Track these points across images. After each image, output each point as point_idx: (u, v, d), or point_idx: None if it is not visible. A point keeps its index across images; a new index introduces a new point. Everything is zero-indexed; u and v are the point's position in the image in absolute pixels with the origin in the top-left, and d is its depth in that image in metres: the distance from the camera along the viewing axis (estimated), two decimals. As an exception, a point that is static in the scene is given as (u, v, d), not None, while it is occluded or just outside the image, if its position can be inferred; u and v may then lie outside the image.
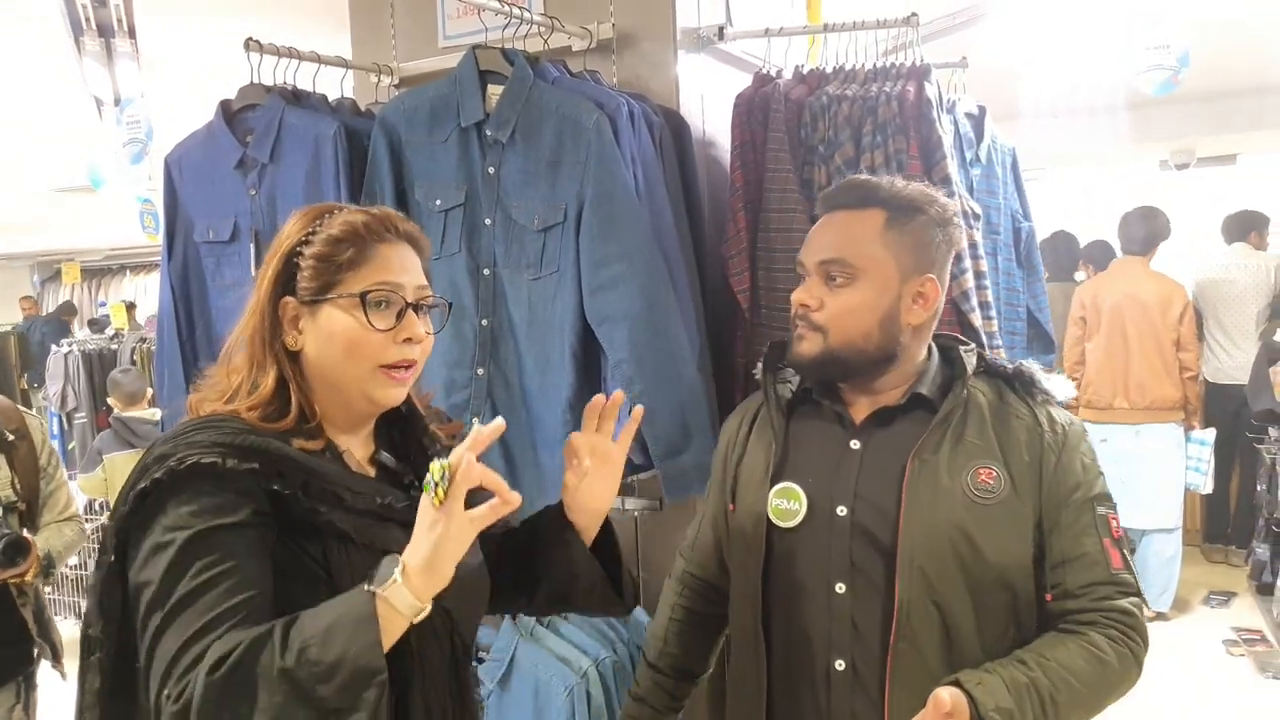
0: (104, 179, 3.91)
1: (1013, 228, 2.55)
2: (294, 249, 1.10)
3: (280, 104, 1.93)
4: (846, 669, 1.25)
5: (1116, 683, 1.20)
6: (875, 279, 1.25)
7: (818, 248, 1.28)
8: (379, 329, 1.07)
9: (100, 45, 2.82)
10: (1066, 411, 1.33)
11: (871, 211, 1.27)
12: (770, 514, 1.29)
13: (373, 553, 1.04)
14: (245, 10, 3.09)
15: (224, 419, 1.05)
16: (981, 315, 1.90)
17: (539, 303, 1.78)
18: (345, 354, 1.07)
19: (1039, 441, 1.26)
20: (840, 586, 1.25)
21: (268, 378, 1.08)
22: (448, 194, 1.83)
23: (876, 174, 1.85)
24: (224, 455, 0.99)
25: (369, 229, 1.09)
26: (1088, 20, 3.48)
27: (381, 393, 1.09)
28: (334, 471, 1.07)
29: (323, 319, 1.08)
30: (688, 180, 1.94)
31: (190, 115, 2.12)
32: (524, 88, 1.78)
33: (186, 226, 2.05)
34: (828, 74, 1.99)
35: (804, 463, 1.30)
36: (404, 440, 1.20)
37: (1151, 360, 4.22)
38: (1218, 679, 3.82)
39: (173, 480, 0.98)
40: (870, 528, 1.24)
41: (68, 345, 6.83)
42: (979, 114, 2.38)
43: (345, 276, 1.07)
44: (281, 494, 1.01)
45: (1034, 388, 1.30)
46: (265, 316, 1.09)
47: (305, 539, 1.03)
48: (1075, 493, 1.25)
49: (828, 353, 1.25)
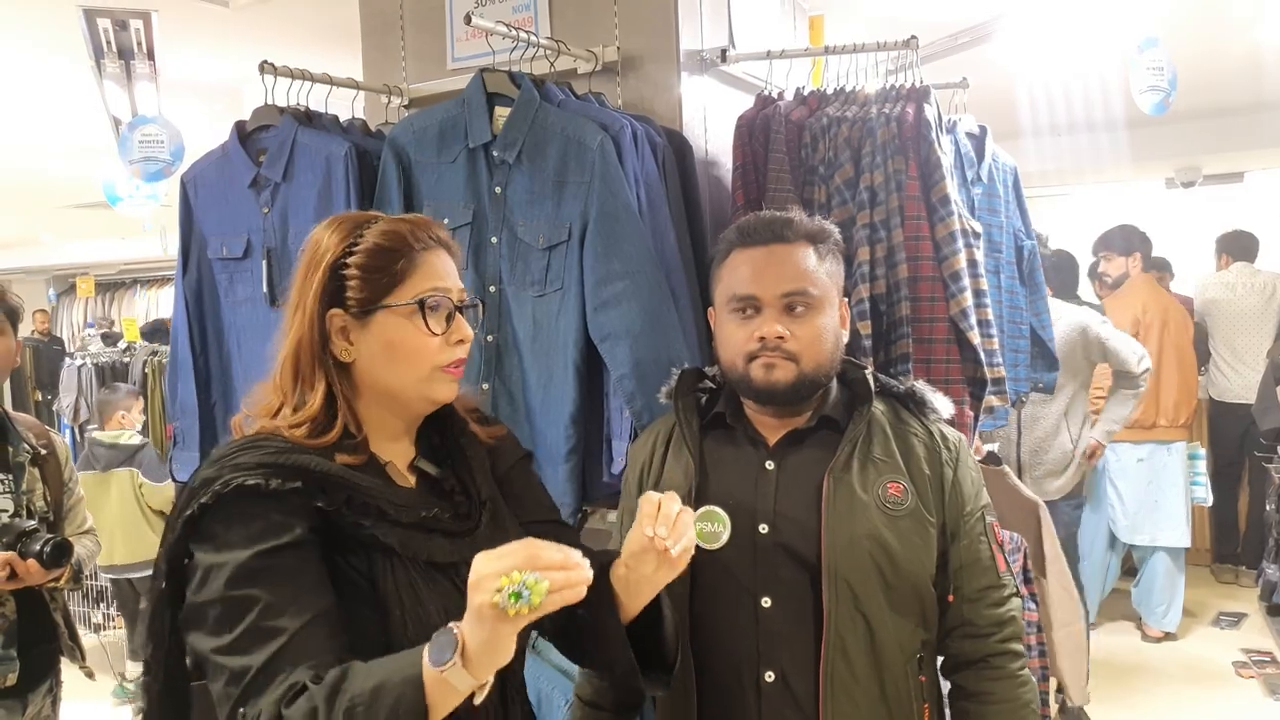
0: (119, 196, 3.97)
1: (1015, 246, 2.57)
2: (338, 260, 1.09)
3: (293, 125, 1.98)
4: (776, 679, 1.30)
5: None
6: (826, 305, 1.34)
7: (775, 281, 1.32)
8: (436, 333, 1.10)
9: (120, 67, 2.89)
10: (952, 428, 1.42)
11: (801, 244, 1.35)
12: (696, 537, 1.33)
13: (417, 565, 1.06)
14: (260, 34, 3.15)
15: (267, 438, 1.05)
16: (981, 333, 1.92)
17: (543, 319, 1.81)
18: (405, 360, 1.10)
19: (937, 458, 1.36)
20: (766, 601, 1.31)
21: (316, 392, 1.08)
22: (455, 213, 1.87)
23: (877, 195, 1.89)
24: (268, 476, 0.99)
25: (415, 237, 1.11)
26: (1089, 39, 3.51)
27: (443, 391, 1.13)
28: (377, 485, 1.07)
29: (376, 328, 1.09)
30: (690, 199, 1.98)
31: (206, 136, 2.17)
32: (530, 109, 1.82)
33: (201, 244, 2.10)
34: (828, 95, 2.03)
35: (722, 486, 1.35)
36: (443, 443, 1.21)
37: (1181, 378, 4.23)
38: (1227, 701, 3.79)
39: (220, 504, 0.98)
40: (791, 543, 1.31)
41: (80, 358, 6.90)
42: (980, 134, 2.41)
43: (398, 285, 1.10)
44: (326, 510, 1.01)
45: (925, 407, 1.39)
46: (313, 329, 1.09)
47: (350, 553, 1.03)
48: (970, 504, 1.36)
49: (802, 378, 1.32)
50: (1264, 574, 4.51)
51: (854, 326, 1.85)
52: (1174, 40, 3.42)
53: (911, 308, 1.87)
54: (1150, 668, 4.10)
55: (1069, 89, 4.36)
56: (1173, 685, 3.91)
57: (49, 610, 2.15)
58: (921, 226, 1.87)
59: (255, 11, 2.93)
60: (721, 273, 1.38)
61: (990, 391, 1.92)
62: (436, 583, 1.07)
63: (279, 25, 3.11)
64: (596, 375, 1.79)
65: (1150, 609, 4.32)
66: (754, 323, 1.32)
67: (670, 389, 1.45)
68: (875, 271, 1.87)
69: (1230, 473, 5.06)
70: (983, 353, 1.90)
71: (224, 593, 0.95)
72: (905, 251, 1.87)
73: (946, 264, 1.88)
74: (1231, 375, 4.86)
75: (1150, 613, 4.33)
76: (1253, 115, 5.35)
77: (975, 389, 1.92)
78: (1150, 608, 4.32)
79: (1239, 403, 4.76)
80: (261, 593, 0.95)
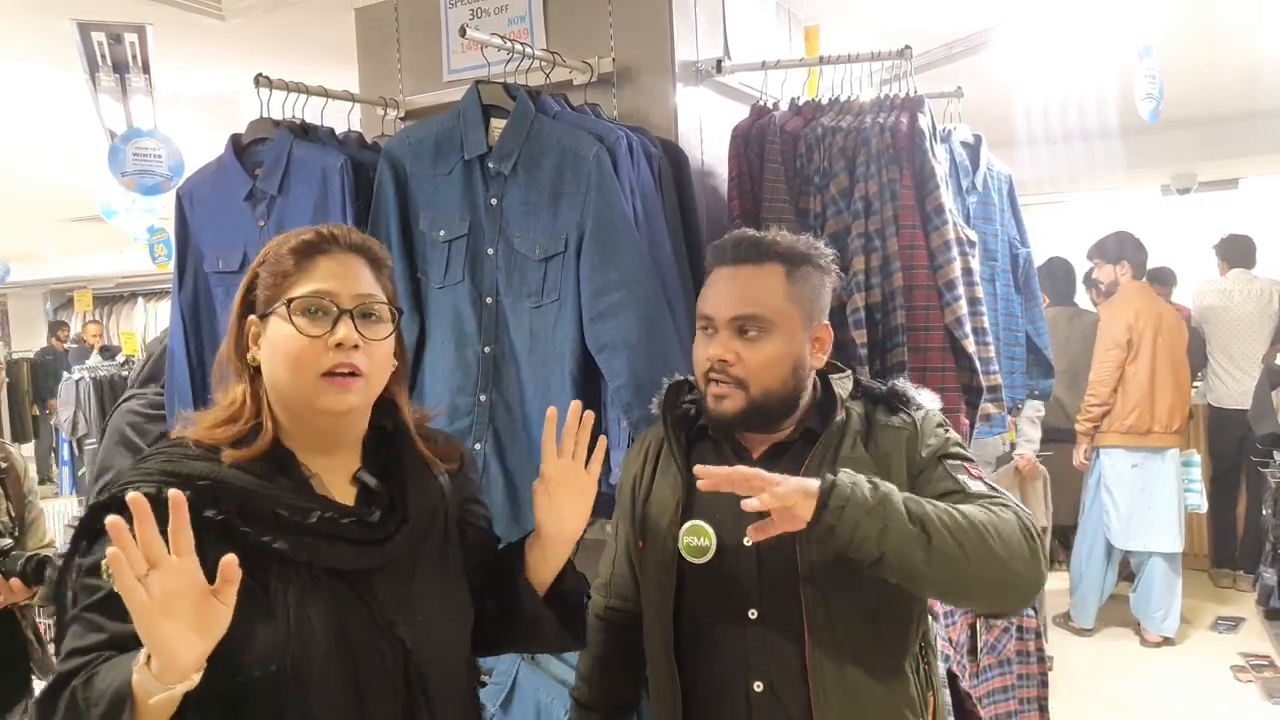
0: (114, 210, 3.97)
1: (1010, 254, 2.58)
2: (255, 269, 1.15)
3: (289, 138, 1.98)
4: (765, 690, 1.30)
5: (1010, 533, 1.19)
6: (785, 330, 1.31)
7: (727, 303, 1.31)
8: (311, 335, 1.08)
9: (115, 81, 2.90)
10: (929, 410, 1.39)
11: (771, 266, 1.32)
12: (682, 551, 1.34)
13: (313, 571, 1.06)
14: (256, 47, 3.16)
15: (175, 444, 1.10)
16: (976, 341, 1.93)
17: (540, 330, 1.81)
18: (285, 362, 1.09)
19: (913, 440, 1.33)
20: (753, 613, 1.31)
21: (233, 393, 1.13)
22: (451, 225, 1.87)
23: (871, 204, 1.89)
24: (161, 485, 1.00)
25: (308, 243, 1.13)
26: (1084, 48, 3.52)
27: (325, 400, 1.09)
28: (272, 491, 1.07)
29: (270, 330, 1.11)
30: (686, 210, 1.98)
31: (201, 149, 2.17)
32: (526, 121, 1.82)
33: (197, 257, 2.10)
34: (823, 105, 2.03)
35: (708, 499, 1.33)
36: (389, 460, 1.20)
37: (1176, 385, 4.24)
38: (1225, 705, 3.79)
39: (114, 506, 0.99)
40: (774, 554, 1.29)
41: (79, 372, 6.89)
42: (975, 143, 2.42)
43: (285, 288, 1.11)
44: (215, 520, 1.02)
45: (907, 400, 1.38)
46: (234, 334, 1.15)
47: (248, 560, 0.99)
48: (928, 452, 1.32)
49: (751, 405, 1.31)
50: (1261, 578, 4.52)
51: (850, 335, 1.86)
52: (1169, 48, 3.44)
53: (907, 316, 1.88)
54: (1149, 673, 4.09)
55: (1064, 97, 4.37)
56: (1171, 690, 3.90)
57: (20, 627, 2.14)
58: (916, 235, 1.87)
59: (251, 25, 2.93)
60: (702, 289, 1.39)
61: (986, 399, 1.93)
62: (334, 589, 1.07)
63: (274, 38, 3.11)
64: (594, 386, 1.79)
65: (1148, 614, 4.32)
66: (709, 343, 1.32)
67: (659, 400, 1.45)
68: (870, 280, 1.88)
69: (1228, 478, 5.07)
70: (978, 360, 1.91)
71: (85, 579, 1.01)
72: (900, 260, 1.88)
73: (941, 272, 1.89)
74: (1229, 381, 4.88)
75: (1148, 618, 4.33)
76: (1248, 122, 5.37)
77: (971, 397, 1.92)
78: (1148, 613, 4.32)
79: (1237, 409, 4.77)
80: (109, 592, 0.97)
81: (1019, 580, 1.19)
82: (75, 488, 6.88)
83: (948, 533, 1.15)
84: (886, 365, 1.89)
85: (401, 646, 1.10)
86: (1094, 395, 4.27)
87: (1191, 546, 4.87)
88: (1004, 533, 1.18)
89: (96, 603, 1.00)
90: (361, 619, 1.08)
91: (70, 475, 7.23)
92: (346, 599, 1.08)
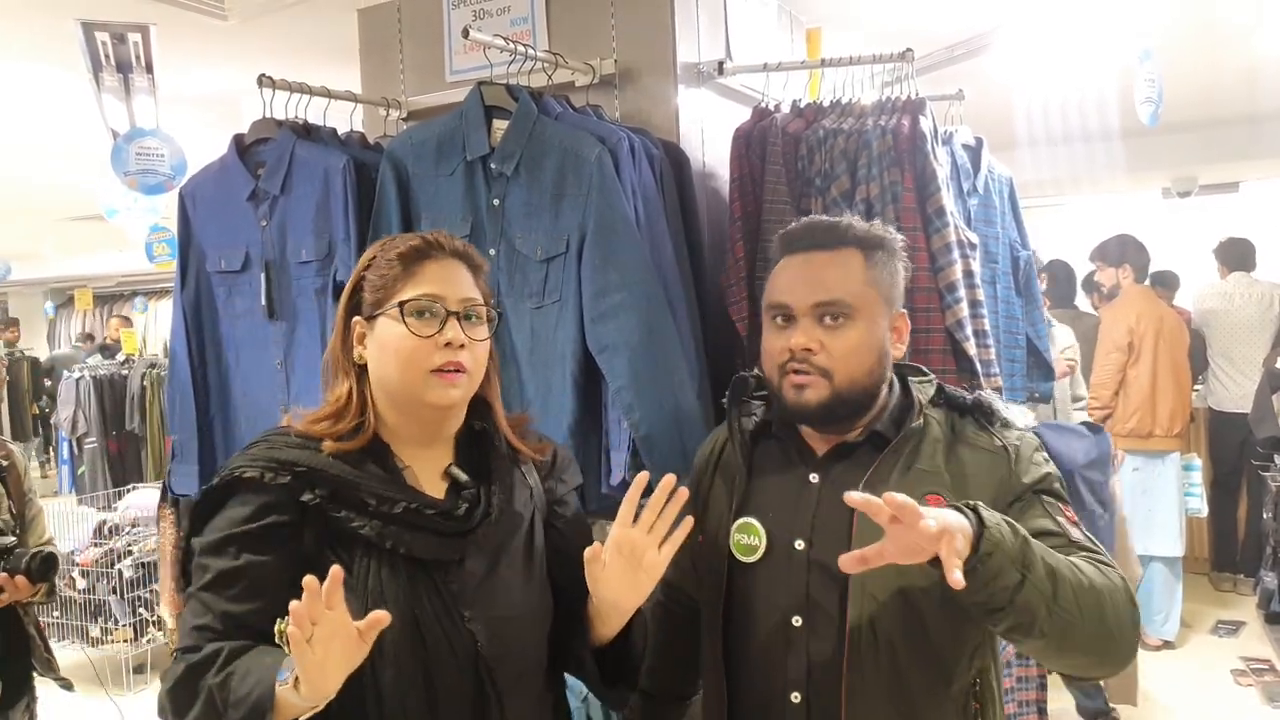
0: (117, 209, 3.97)
1: (1011, 256, 2.58)
2: (361, 273, 1.22)
3: (291, 138, 1.98)
4: (801, 702, 1.25)
5: (1121, 603, 1.11)
6: (867, 316, 1.25)
7: (807, 289, 1.26)
8: (422, 335, 1.15)
9: (118, 80, 2.90)
10: (1024, 431, 1.30)
11: (848, 251, 1.27)
12: (732, 548, 1.31)
13: (396, 557, 1.11)
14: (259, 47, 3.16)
15: (278, 432, 1.19)
16: (977, 343, 1.93)
17: (541, 331, 1.82)
18: (395, 361, 1.16)
19: (1004, 464, 1.24)
20: (797, 620, 1.26)
21: (338, 390, 1.20)
22: (453, 225, 1.87)
23: (873, 206, 1.89)
24: (263, 470, 1.12)
25: (416, 249, 1.19)
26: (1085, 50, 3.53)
27: (433, 394, 1.16)
28: (365, 480, 1.14)
29: (379, 331, 1.18)
30: (688, 211, 1.98)
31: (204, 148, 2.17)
32: (528, 122, 1.83)
33: (199, 257, 2.10)
34: (824, 108, 2.04)
35: (764, 498, 1.31)
36: (480, 457, 1.25)
37: (1177, 388, 4.24)
38: (1225, 709, 3.79)
39: (224, 486, 1.14)
40: (827, 561, 1.22)
41: (79, 371, 6.89)
42: (976, 145, 2.42)
43: (395, 291, 1.17)
44: (311, 504, 1.11)
45: (994, 416, 1.29)
46: (340, 335, 1.22)
47: (338, 544, 1.12)
48: (1028, 481, 1.23)
49: (835, 396, 1.24)
50: (1262, 582, 4.52)
51: None
52: (1170, 52, 3.44)
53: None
54: (1149, 676, 4.09)
55: (1065, 100, 4.37)
56: (1171, 693, 3.90)
57: (23, 624, 2.15)
58: (917, 238, 1.87)
59: (254, 25, 2.94)
60: (769, 279, 1.33)
61: (987, 402, 1.92)
62: (413, 577, 1.13)
63: (277, 38, 3.11)
64: (595, 387, 1.80)
65: (1148, 618, 4.32)
66: (787, 333, 1.26)
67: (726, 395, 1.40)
68: (872, 282, 1.88)
69: (1229, 482, 5.07)
70: (979, 363, 1.91)
71: (199, 559, 1.12)
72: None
73: (942, 275, 1.89)
74: (1230, 385, 4.88)
75: (1148, 621, 4.33)
76: (1248, 126, 5.37)
77: (972, 399, 1.92)
78: (1148, 616, 4.32)
79: (1238, 412, 4.77)
80: (222, 572, 1.10)
81: (1117, 653, 1.12)
82: (74, 487, 6.87)
83: (1072, 593, 1.06)
84: (887, 367, 1.89)
85: (472, 640, 1.13)
86: (1095, 399, 4.26)
87: (1192, 550, 4.86)
88: (1116, 602, 1.11)
89: (207, 583, 1.10)
90: (435, 608, 1.13)
91: (70, 474, 7.23)
92: (423, 587, 1.13)
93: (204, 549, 1.12)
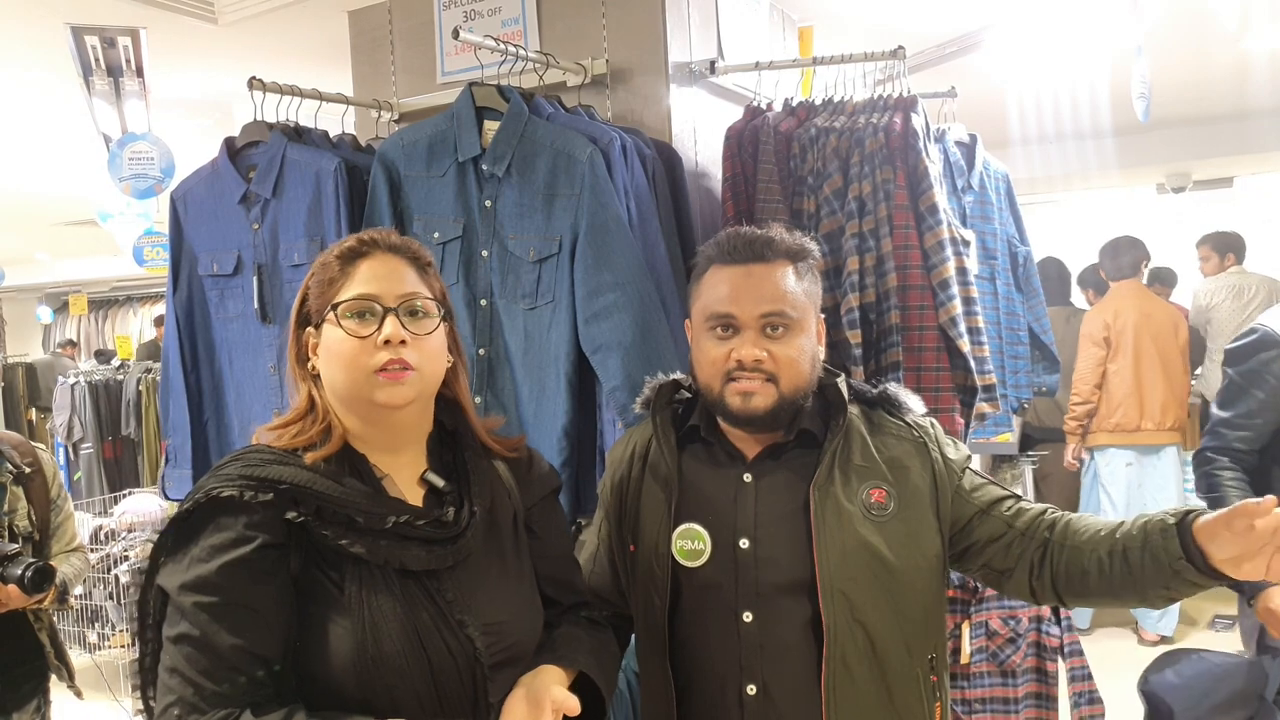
0: (110, 214, 3.96)
1: (1009, 252, 2.58)
2: (306, 283, 1.19)
3: (282, 141, 1.98)
4: (758, 693, 1.29)
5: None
6: (804, 325, 1.32)
7: (753, 302, 1.30)
8: (360, 336, 1.12)
9: (109, 85, 2.89)
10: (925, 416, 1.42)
11: (780, 263, 1.32)
12: (675, 554, 1.33)
13: (387, 572, 1.09)
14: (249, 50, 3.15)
15: (255, 448, 1.14)
16: (971, 341, 1.93)
17: (535, 332, 1.81)
18: (340, 364, 1.13)
19: (923, 448, 1.35)
20: (748, 616, 1.30)
21: (299, 399, 1.18)
22: (445, 227, 1.87)
23: (865, 204, 1.89)
24: (243, 489, 1.06)
25: (350, 250, 1.17)
26: (1077, 47, 3.53)
27: (381, 394, 1.12)
28: (347, 495, 1.10)
29: (324, 338, 1.16)
30: (680, 211, 1.98)
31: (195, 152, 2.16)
32: (519, 123, 1.82)
33: (191, 260, 2.10)
34: (816, 106, 2.03)
35: (702, 501, 1.34)
36: (454, 461, 1.24)
37: (1169, 382, 4.24)
38: (1223, 703, 3.79)
39: (200, 511, 1.06)
40: (775, 557, 1.29)
41: (74, 376, 6.87)
42: (970, 142, 2.43)
43: (333, 295, 1.15)
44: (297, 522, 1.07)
45: (900, 405, 1.39)
46: (293, 346, 1.20)
47: (326, 562, 1.08)
48: (956, 463, 1.36)
49: (781, 401, 1.30)
50: (1260, 577, 4.51)
51: (844, 336, 1.86)
52: (1162, 48, 3.44)
53: (901, 316, 1.88)
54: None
55: (1058, 97, 4.38)
56: (1170, 690, 3.90)
57: (34, 630, 2.15)
58: (910, 235, 1.87)
59: (244, 27, 2.93)
60: (700, 288, 1.36)
61: (981, 398, 1.93)
62: (407, 590, 1.10)
63: (268, 41, 3.10)
64: (589, 387, 1.79)
65: (1146, 613, 4.33)
66: (731, 343, 1.30)
67: (646, 399, 1.44)
68: (865, 281, 1.88)
69: (1225, 476, 5.06)
70: (973, 360, 1.91)
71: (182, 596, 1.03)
72: (894, 260, 1.88)
73: (935, 272, 1.89)
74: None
75: (1146, 617, 4.34)
76: (1241, 121, 5.38)
77: (966, 396, 1.92)
78: (1147, 612, 4.32)
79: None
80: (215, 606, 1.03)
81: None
82: (70, 492, 6.85)
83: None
84: (881, 365, 1.89)
85: (471, 645, 1.12)
86: (1076, 394, 4.30)
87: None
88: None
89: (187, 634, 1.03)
90: (433, 619, 1.11)
91: (66, 480, 7.21)
92: (418, 599, 1.11)
93: (185, 586, 1.03)
